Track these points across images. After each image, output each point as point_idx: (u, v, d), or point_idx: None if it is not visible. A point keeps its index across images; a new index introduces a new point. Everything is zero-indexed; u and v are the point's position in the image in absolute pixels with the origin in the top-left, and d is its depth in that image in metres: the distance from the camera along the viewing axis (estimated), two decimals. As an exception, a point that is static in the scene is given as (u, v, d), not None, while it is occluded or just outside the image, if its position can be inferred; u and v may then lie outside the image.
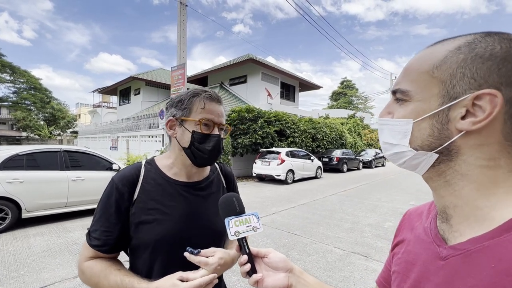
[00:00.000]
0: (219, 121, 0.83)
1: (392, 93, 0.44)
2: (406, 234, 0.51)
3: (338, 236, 4.32)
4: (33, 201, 4.51)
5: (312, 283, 0.57)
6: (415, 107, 0.40)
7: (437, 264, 0.40)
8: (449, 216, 0.41)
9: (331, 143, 16.06)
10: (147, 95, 21.65)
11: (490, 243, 0.34)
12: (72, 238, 4.10)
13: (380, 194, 7.97)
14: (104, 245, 0.76)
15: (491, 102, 0.34)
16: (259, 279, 0.56)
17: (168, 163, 0.86)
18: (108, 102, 34.48)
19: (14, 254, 3.46)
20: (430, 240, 0.43)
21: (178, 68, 9.45)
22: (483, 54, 0.35)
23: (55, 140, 32.90)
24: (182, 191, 0.83)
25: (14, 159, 4.46)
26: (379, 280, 0.59)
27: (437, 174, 0.41)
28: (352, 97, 45.95)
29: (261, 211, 5.92)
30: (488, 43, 0.36)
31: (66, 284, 2.77)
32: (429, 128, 0.39)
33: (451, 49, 0.38)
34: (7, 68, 29.96)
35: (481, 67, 0.35)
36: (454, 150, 0.37)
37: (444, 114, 0.37)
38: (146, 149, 12.63)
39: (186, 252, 0.69)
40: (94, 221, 0.78)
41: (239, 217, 0.64)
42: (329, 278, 2.97)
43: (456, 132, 0.37)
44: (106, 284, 0.71)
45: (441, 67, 0.38)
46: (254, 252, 0.60)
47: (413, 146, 0.41)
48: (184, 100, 0.81)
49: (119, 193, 0.77)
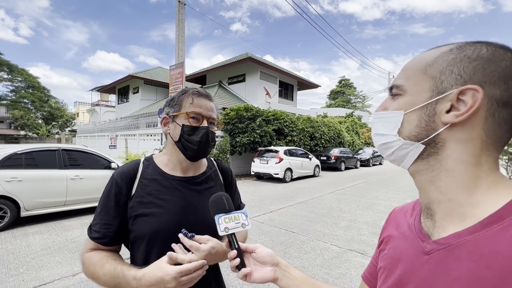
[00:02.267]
0: (208, 114, 0.86)
1: (389, 90, 0.47)
2: (391, 231, 0.53)
3: (335, 234, 4.37)
4: (32, 199, 4.53)
5: (297, 276, 0.61)
6: (407, 100, 0.43)
7: (421, 259, 0.42)
8: (433, 212, 0.43)
9: (329, 141, 16.11)
10: (146, 94, 21.60)
11: (471, 237, 0.36)
12: (71, 236, 4.12)
13: (377, 193, 8.03)
14: (103, 237, 0.80)
15: (473, 97, 0.37)
16: (247, 273, 0.60)
17: (165, 160, 0.90)
18: (106, 101, 34.34)
19: (13, 253, 3.48)
20: (414, 236, 0.45)
21: (176, 67, 9.44)
22: (471, 55, 0.39)
23: (53, 138, 32.79)
24: (178, 185, 0.86)
25: (13, 158, 4.47)
26: (364, 275, 0.61)
27: (424, 167, 0.43)
28: (350, 96, 46.01)
29: (259, 209, 5.96)
30: (476, 46, 0.39)
31: (65, 282, 2.80)
32: (417, 120, 0.42)
33: (444, 50, 0.42)
34: (5, 67, 29.79)
35: (468, 66, 0.38)
36: (440, 143, 0.40)
37: (432, 107, 0.40)
38: (144, 147, 12.63)
39: (180, 234, 0.71)
40: (96, 215, 0.82)
41: (228, 214, 0.67)
42: (326, 275, 3.02)
43: (441, 124, 0.39)
44: (101, 273, 0.74)
45: (433, 65, 0.41)
46: (243, 248, 0.64)
47: (402, 136, 0.43)
48: (175, 98, 0.88)
49: (118, 187, 0.81)
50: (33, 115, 33.44)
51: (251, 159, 11.15)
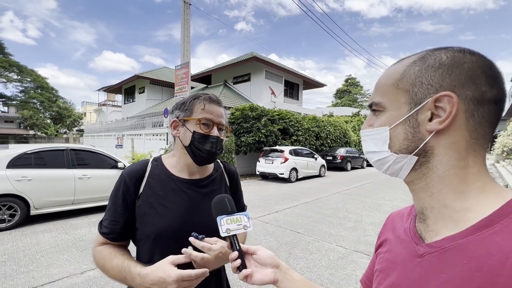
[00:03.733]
0: (218, 121, 0.88)
1: (369, 107, 0.49)
2: (388, 234, 0.55)
3: (340, 235, 4.34)
4: (41, 198, 4.62)
5: (297, 279, 0.61)
6: (389, 115, 0.45)
7: (414, 262, 0.42)
8: (426, 217, 0.44)
9: (335, 141, 15.99)
10: (152, 94, 21.80)
11: (463, 241, 0.37)
12: (79, 234, 4.19)
13: (383, 193, 7.94)
14: (111, 233, 0.83)
15: (449, 102, 0.39)
16: (248, 274, 0.60)
17: (173, 161, 0.92)
18: (113, 101, 34.76)
19: (23, 250, 3.55)
20: (409, 239, 0.46)
21: (182, 67, 9.50)
22: (433, 64, 0.41)
23: (61, 138, 33.40)
24: (184, 187, 0.88)
25: (23, 158, 4.57)
26: (363, 280, 0.62)
27: (418, 177, 0.44)
28: (357, 95, 45.59)
29: (264, 209, 5.95)
30: (436, 55, 0.42)
31: (74, 279, 2.85)
32: (403, 133, 0.43)
33: (408, 63, 0.44)
34: (15, 68, 30.40)
35: (434, 75, 0.40)
36: (430, 151, 0.41)
37: (414, 119, 0.42)
38: (150, 147, 12.75)
39: (191, 237, 0.73)
40: (106, 211, 0.86)
41: (230, 216, 0.68)
42: (331, 276, 3.00)
43: (427, 133, 0.41)
44: (110, 266, 0.78)
45: (402, 79, 0.43)
46: (244, 249, 0.65)
47: (393, 151, 0.45)
48: (186, 102, 0.89)
49: (126, 186, 0.84)
50: (41, 115, 34.09)
51: (256, 159, 11.15)
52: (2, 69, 29.08)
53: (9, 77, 30.64)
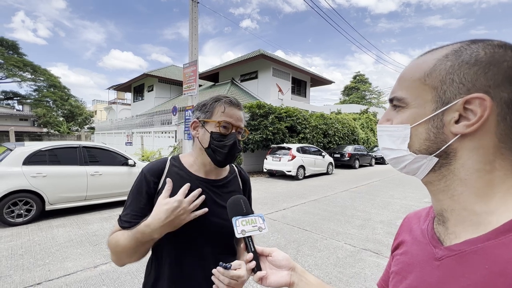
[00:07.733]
0: (237, 124, 0.89)
1: (390, 101, 0.46)
2: (405, 236, 0.53)
3: (349, 233, 4.32)
4: (55, 194, 4.77)
5: (313, 281, 0.60)
6: (411, 113, 0.42)
7: (432, 265, 0.41)
8: (445, 219, 0.42)
9: (342, 139, 15.83)
10: (160, 92, 22.05)
11: (485, 245, 0.35)
12: (92, 229, 4.31)
13: (392, 191, 7.84)
14: (132, 226, 0.84)
15: (481, 106, 0.35)
16: (263, 276, 0.60)
17: (190, 160, 0.94)
18: (122, 99, 35.37)
19: (39, 244, 3.69)
20: (426, 241, 0.45)
21: (190, 65, 9.56)
22: (469, 60, 0.37)
23: (73, 135, 34.17)
24: (200, 185, 0.90)
25: (38, 155, 4.72)
26: (380, 283, 0.60)
27: (437, 178, 0.42)
28: (365, 92, 44.78)
29: (271, 206, 5.97)
30: (473, 50, 0.37)
31: (87, 273, 2.94)
32: (425, 133, 0.40)
33: (439, 57, 0.40)
34: (29, 67, 31.28)
35: (468, 72, 0.37)
36: (452, 153, 0.39)
37: (439, 119, 0.39)
38: (159, 144, 12.91)
39: (220, 268, 0.69)
40: (125, 207, 0.87)
41: (246, 217, 0.68)
42: (339, 274, 3.00)
43: (451, 135, 0.38)
44: (122, 238, 0.80)
45: (431, 75, 0.40)
46: (259, 251, 0.64)
47: (412, 150, 0.42)
48: (207, 104, 0.90)
49: (146, 181, 0.87)
50: (54, 113, 34.96)
51: (263, 156, 11.16)
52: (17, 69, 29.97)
53: (24, 76, 31.56)
